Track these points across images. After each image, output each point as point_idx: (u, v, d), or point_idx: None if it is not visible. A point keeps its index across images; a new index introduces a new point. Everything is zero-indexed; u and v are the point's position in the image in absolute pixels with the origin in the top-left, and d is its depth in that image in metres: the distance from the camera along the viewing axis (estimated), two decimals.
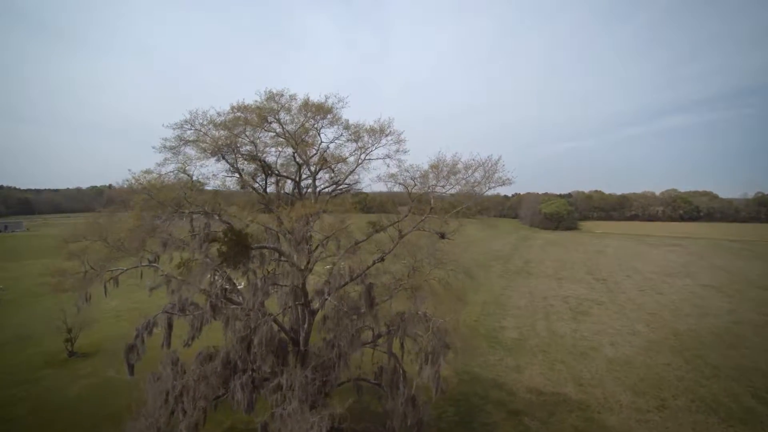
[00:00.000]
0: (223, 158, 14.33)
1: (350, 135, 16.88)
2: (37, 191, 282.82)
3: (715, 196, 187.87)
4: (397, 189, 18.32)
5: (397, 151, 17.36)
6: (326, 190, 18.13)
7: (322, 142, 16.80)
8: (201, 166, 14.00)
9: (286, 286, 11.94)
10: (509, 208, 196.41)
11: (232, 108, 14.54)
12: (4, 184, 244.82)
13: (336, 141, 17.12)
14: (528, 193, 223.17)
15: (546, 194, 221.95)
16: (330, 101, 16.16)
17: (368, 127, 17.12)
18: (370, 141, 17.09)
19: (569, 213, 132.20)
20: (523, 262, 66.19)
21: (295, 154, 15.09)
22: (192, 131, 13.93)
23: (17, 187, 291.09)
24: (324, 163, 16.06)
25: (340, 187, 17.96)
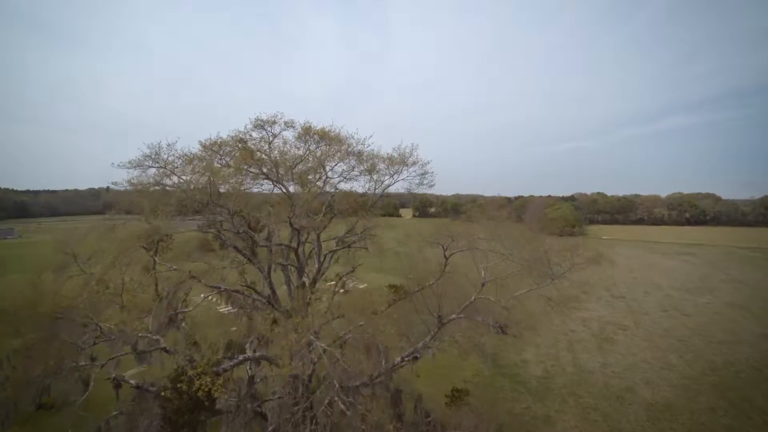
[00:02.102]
0: (196, 210, 11.34)
1: (364, 168, 13.83)
2: (35, 193, 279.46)
3: (719, 198, 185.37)
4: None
5: (420, 183, 14.40)
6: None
7: (326, 176, 13.72)
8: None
9: (280, 398, 9.09)
10: (513, 212, 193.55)
11: (204, 146, 11.48)
12: (1, 186, 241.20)
13: (345, 176, 14.07)
14: (532, 196, 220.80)
15: (549, 197, 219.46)
16: (350, 140, 13.03)
17: (385, 156, 14.15)
18: (388, 173, 14.11)
19: (575, 218, 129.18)
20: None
21: (291, 220, 11.97)
22: (156, 171, 10.94)
23: (14, 188, 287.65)
24: (331, 217, 13.02)
25: (351, 240, 14.84)
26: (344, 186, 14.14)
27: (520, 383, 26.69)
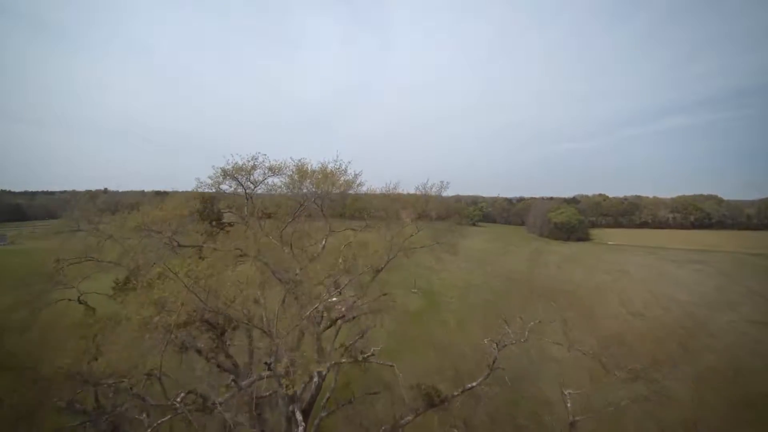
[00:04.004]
0: None
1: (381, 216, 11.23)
2: (32, 194, 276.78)
3: (721, 200, 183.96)
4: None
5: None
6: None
7: (330, 229, 10.83)
8: None
9: None
10: (515, 215, 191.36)
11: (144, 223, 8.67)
12: None
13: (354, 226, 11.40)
14: (534, 198, 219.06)
15: (552, 199, 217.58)
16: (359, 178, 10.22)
17: (407, 197, 11.59)
18: (411, 217, 11.58)
19: (580, 222, 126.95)
20: (545, 288, 60.79)
21: (272, 365, 8.81)
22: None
23: (11, 190, 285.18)
24: (336, 319, 10.21)
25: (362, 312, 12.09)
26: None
27: (547, 430, 24.25)
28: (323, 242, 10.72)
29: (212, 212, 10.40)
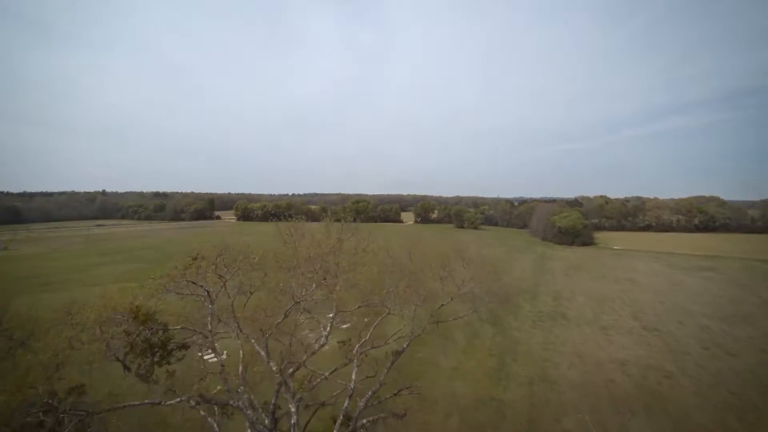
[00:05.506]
0: None
1: None
2: (30, 196, 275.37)
3: (723, 202, 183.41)
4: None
5: None
6: None
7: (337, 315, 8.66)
8: None
9: None
10: (517, 217, 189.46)
11: None
12: None
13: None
14: (535, 200, 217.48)
15: (554, 201, 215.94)
16: None
17: None
18: None
19: (584, 227, 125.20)
20: (552, 298, 58.96)
21: None
22: None
23: (9, 191, 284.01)
24: None
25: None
26: None
27: None
28: (328, 329, 8.86)
29: (155, 339, 8.05)
